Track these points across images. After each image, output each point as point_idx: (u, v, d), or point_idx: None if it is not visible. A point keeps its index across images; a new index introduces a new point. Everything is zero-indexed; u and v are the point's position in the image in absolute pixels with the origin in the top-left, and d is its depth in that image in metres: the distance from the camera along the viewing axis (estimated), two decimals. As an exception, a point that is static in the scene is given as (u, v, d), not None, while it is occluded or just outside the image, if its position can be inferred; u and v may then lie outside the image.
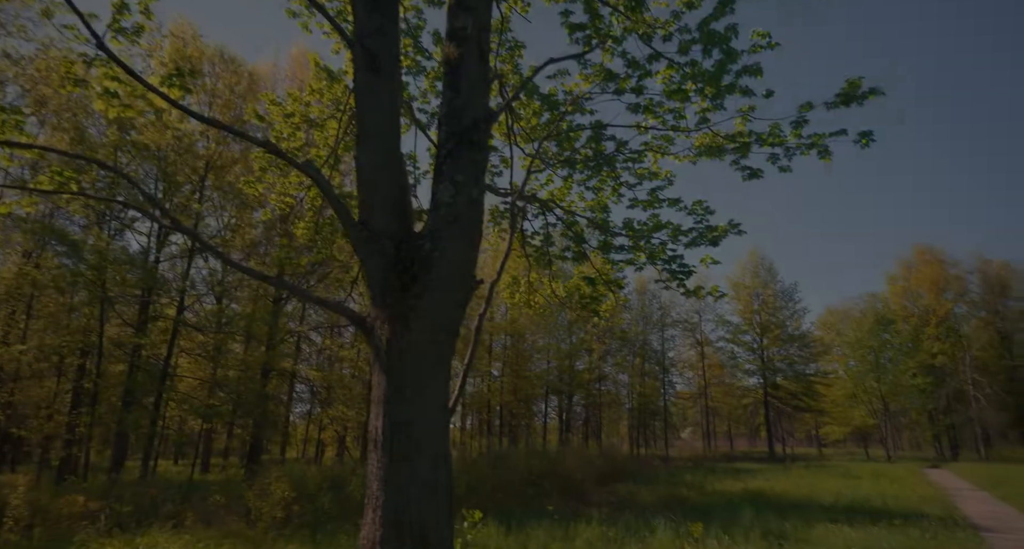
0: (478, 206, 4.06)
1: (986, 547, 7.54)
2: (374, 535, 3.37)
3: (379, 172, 4.04)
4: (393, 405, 3.58)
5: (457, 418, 38.89)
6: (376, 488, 3.48)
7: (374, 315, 3.87)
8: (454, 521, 3.59)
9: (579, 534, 7.33)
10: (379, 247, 3.87)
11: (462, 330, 21.00)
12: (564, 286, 9.34)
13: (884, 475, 20.17)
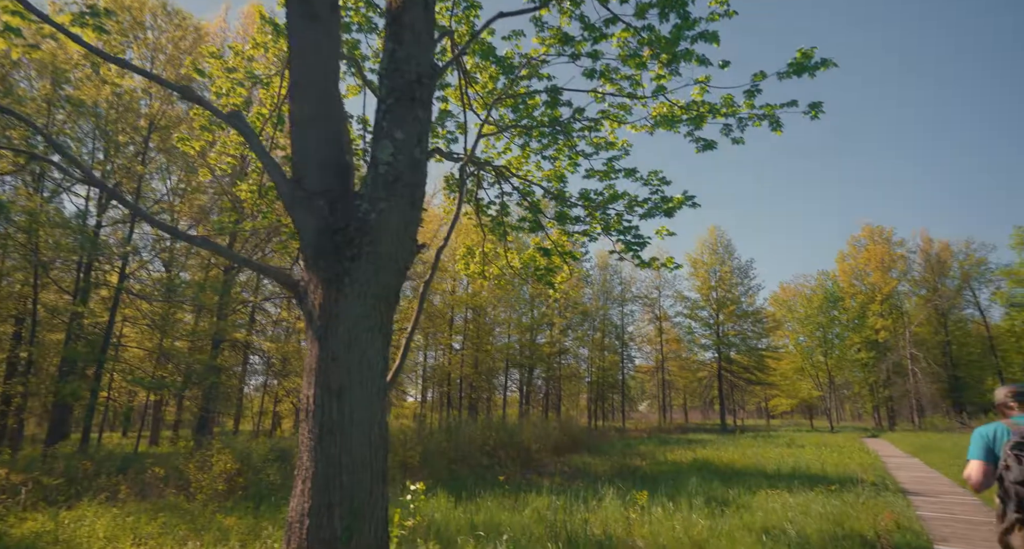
0: (421, 167, 3.87)
1: (912, 510, 7.94)
2: (302, 507, 3.24)
3: (313, 125, 3.79)
4: (324, 373, 3.41)
5: (417, 391, 38.98)
6: (306, 459, 3.34)
7: (306, 279, 3.67)
8: (388, 492, 3.48)
9: (529, 504, 7.38)
10: (312, 206, 3.65)
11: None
12: (520, 257, 9.25)
13: (826, 444, 21.15)
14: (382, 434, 3.55)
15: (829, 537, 5.94)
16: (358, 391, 3.43)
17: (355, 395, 3.41)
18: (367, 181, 3.75)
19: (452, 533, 5.37)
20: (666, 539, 5.73)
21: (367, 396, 3.47)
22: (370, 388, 3.50)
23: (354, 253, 3.53)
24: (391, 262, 3.65)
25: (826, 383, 41.58)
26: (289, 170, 3.91)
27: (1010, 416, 2.90)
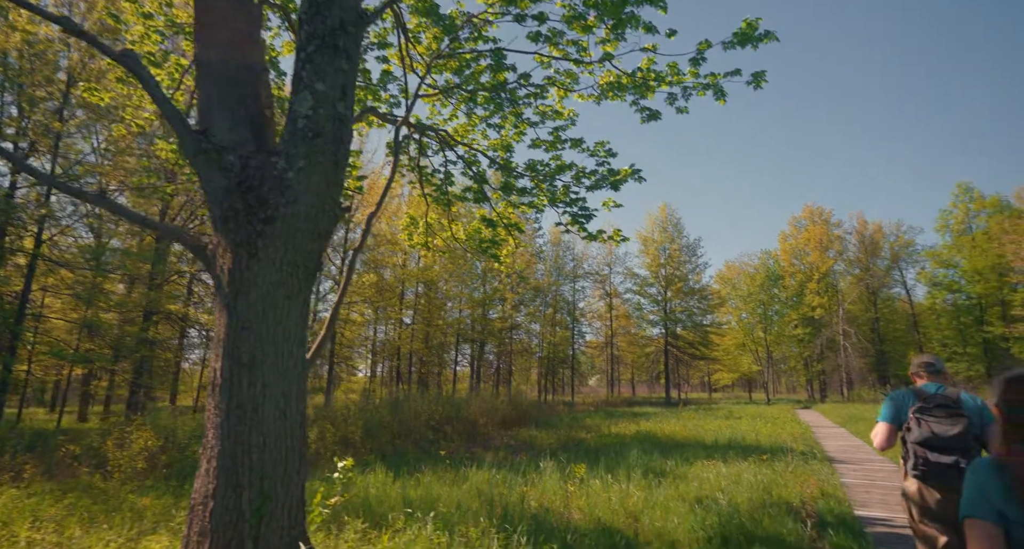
0: (345, 123, 3.56)
1: (837, 477, 8.32)
2: (207, 488, 2.99)
3: (223, 71, 3.42)
4: (234, 344, 3.14)
5: (367, 366, 38.48)
6: (212, 436, 3.07)
7: (215, 242, 3.35)
8: (307, 472, 3.27)
9: (469, 478, 7.31)
10: (221, 162, 3.30)
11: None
12: (465, 229, 9.02)
13: (762, 416, 22.11)
14: (300, 410, 3.32)
15: (758, 505, 6.12)
16: (272, 363, 3.18)
17: (269, 368, 3.16)
18: (284, 136, 3.43)
19: (385, 509, 5.22)
20: (602, 511, 5.76)
21: (283, 369, 3.22)
22: (286, 361, 3.26)
23: (269, 215, 3.24)
24: (310, 225, 3.37)
25: (765, 358, 43.49)
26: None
27: (918, 384, 3.13)
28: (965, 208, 39.12)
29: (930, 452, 2.77)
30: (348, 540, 4.13)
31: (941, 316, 39.49)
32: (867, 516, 6.10)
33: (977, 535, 1.51)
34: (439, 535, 4.16)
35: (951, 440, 2.72)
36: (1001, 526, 1.49)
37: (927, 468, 2.77)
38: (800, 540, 4.99)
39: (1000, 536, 1.48)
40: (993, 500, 1.52)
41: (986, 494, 1.54)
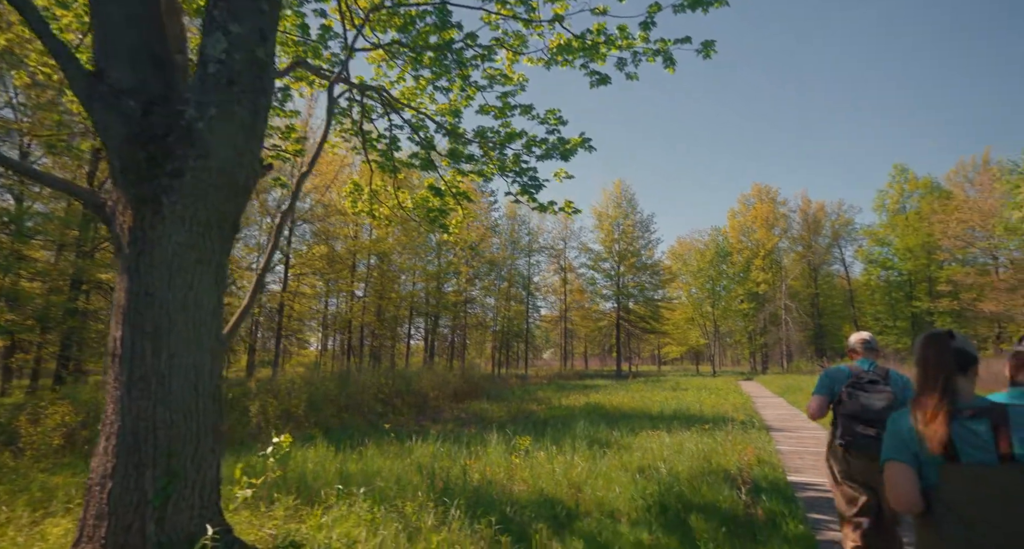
0: (265, 71, 3.23)
1: (773, 445, 8.63)
2: (105, 468, 2.72)
3: (124, 4, 3.04)
4: (136, 311, 2.84)
5: (318, 339, 37.70)
6: (112, 412, 2.79)
7: (115, 197, 3.02)
8: (221, 449, 3.04)
9: (414, 451, 7.19)
10: (119, 107, 2.95)
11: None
12: (412, 197, 8.72)
13: (706, 387, 22.88)
14: (215, 384, 3.07)
15: (698, 473, 6.24)
16: (181, 333, 2.90)
17: (177, 338, 2.89)
18: (194, 83, 3.09)
19: (321, 485, 5.03)
20: (545, 482, 5.75)
21: (193, 339, 2.95)
22: (198, 331, 2.98)
23: (176, 168, 2.92)
24: (225, 182, 3.07)
25: (712, 331, 44.95)
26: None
27: (855, 360, 3.29)
28: (900, 188, 41.01)
29: (857, 424, 2.95)
30: (276, 518, 3.94)
31: (875, 292, 41.67)
32: (799, 481, 6.33)
33: (895, 475, 1.71)
34: (373, 510, 4.02)
35: (877, 413, 2.90)
36: (915, 467, 1.70)
37: (853, 438, 2.96)
38: (735, 506, 5.11)
39: (914, 475, 1.69)
40: (908, 443, 1.72)
41: (903, 439, 1.74)
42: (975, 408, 1.68)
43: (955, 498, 1.62)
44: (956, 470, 1.63)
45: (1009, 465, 1.57)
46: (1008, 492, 1.56)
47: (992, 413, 1.65)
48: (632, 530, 4.21)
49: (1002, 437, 1.60)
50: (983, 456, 1.61)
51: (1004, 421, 1.62)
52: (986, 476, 1.59)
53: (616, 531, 4.20)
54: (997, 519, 1.56)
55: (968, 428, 1.65)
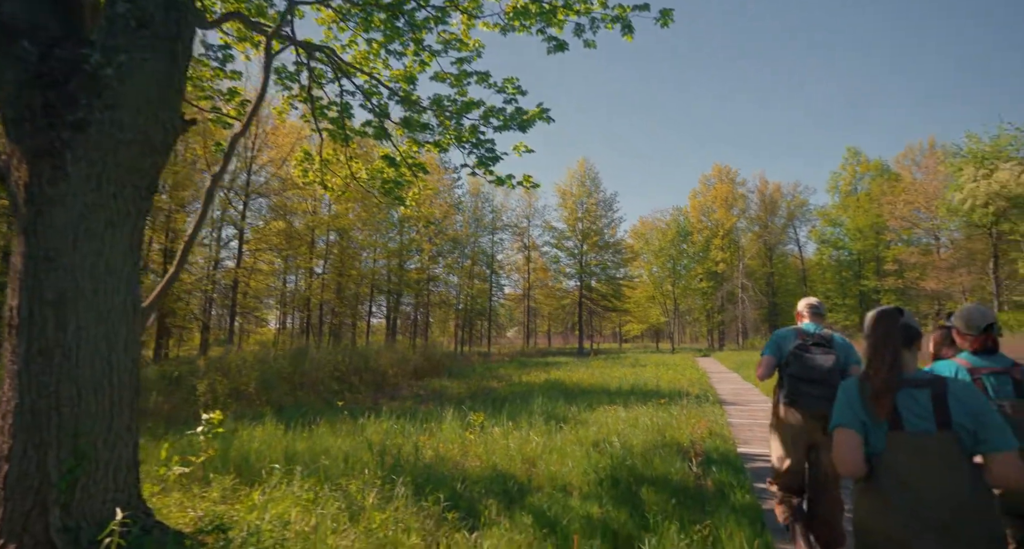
0: (183, 14, 2.92)
1: (725, 417, 8.81)
2: (0, 449, 2.49)
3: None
4: (36, 277, 2.55)
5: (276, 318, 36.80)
6: (9, 387, 2.53)
7: (10, 151, 2.70)
8: (135, 428, 2.81)
9: (366, 428, 7.02)
10: (13, 49, 2.62)
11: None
12: (367, 168, 8.41)
13: (664, 363, 23.35)
14: (131, 357, 2.82)
15: (651, 446, 6.29)
16: (90, 302, 2.64)
17: (85, 306, 2.62)
18: (101, 24, 2.77)
19: (265, 464, 4.83)
20: (500, 458, 5.69)
21: (105, 309, 2.69)
22: (110, 300, 2.72)
23: (79, 119, 2.62)
24: (139, 138, 2.78)
25: (672, 309, 45.89)
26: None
27: (801, 323, 3.42)
28: (852, 170, 42.30)
29: (802, 383, 3.08)
30: (211, 499, 3.74)
31: (826, 271, 43.17)
32: (748, 453, 6.46)
33: (843, 440, 1.80)
34: (316, 488, 3.87)
35: (821, 373, 3.03)
36: (862, 434, 1.79)
37: (797, 396, 3.10)
38: (686, 478, 5.15)
39: (860, 441, 1.79)
40: (857, 411, 1.82)
41: (852, 406, 1.83)
42: (918, 380, 1.80)
43: (897, 463, 1.72)
44: (900, 437, 1.73)
45: (946, 432, 1.70)
46: (945, 457, 1.68)
47: (933, 385, 1.77)
48: (583, 504, 4.18)
49: (941, 407, 1.72)
50: (924, 424, 1.73)
51: (943, 392, 1.74)
52: (926, 443, 1.70)
53: (567, 505, 4.16)
54: (935, 482, 1.66)
55: (912, 398, 1.77)
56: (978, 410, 1.70)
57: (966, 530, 1.61)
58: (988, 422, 1.68)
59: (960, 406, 1.71)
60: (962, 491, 1.64)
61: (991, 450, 1.66)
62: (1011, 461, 1.64)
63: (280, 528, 2.96)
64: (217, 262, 25.37)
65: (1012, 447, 1.65)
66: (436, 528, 3.56)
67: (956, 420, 1.70)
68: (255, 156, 24.86)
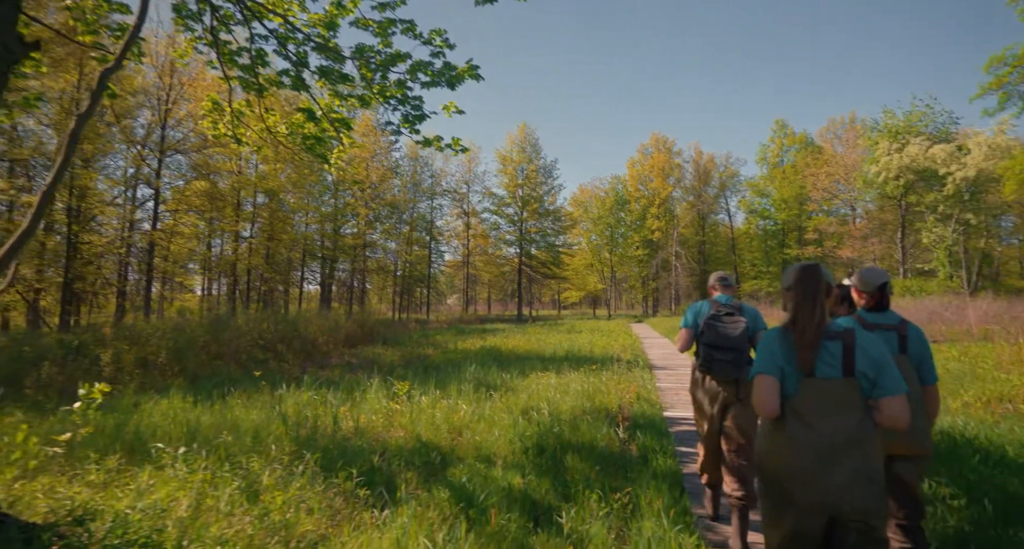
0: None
1: (654, 382, 8.99)
2: None
3: None
4: None
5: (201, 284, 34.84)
6: None
7: None
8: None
9: (286, 399, 6.65)
10: None
11: None
12: (285, 122, 7.77)
13: (599, 330, 23.82)
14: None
15: (580, 412, 6.28)
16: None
17: None
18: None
19: (163, 440, 4.43)
20: (425, 428, 5.51)
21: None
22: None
23: None
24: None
25: (609, 277, 46.87)
26: None
27: (713, 295, 3.58)
28: (780, 143, 43.93)
29: (715, 350, 3.25)
30: (91, 482, 3.35)
31: (753, 239, 45.12)
32: (673, 416, 6.57)
33: (762, 385, 1.95)
34: (214, 467, 3.54)
35: (732, 341, 3.22)
36: (779, 379, 1.95)
37: (711, 363, 3.26)
38: (612, 444, 5.15)
39: (777, 386, 1.94)
40: (776, 358, 1.96)
41: (773, 354, 1.97)
42: (831, 332, 1.96)
43: (804, 405, 1.90)
44: (811, 382, 1.91)
45: (850, 379, 1.89)
46: (844, 399, 1.88)
47: (844, 336, 1.95)
48: (505, 474, 4.06)
49: (848, 356, 1.91)
50: (832, 371, 1.91)
51: (852, 343, 1.93)
52: (831, 387, 1.89)
53: (488, 476, 4.03)
54: (831, 420, 1.86)
55: (825, 348, 1.94)
56: (879, 360, 1.90)
57: (850, 461, 1.82)
58: (885, 370, 1.89)
59: (864, 356, 1.91)
60: (852, 428, 1.84)
61: (884, 394, 1.87)
62: (900, 403, 1.85)
63: (154, 517, 2.64)
64: (132, 223, 23.52)
65: (902, 391, 1.87)
66: (346, 506, 3.34)
67: (859, 368, 1.89)
68: (170, 109, 22.91)
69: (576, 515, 3.26)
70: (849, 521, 1.80)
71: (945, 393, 7.58)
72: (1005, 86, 18.78)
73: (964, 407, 6.76)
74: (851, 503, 1.79)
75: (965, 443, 4.56)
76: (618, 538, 3.11)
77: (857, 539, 1.80)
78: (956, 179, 26.61)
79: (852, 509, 1.79)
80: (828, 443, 1.83)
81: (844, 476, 1.80)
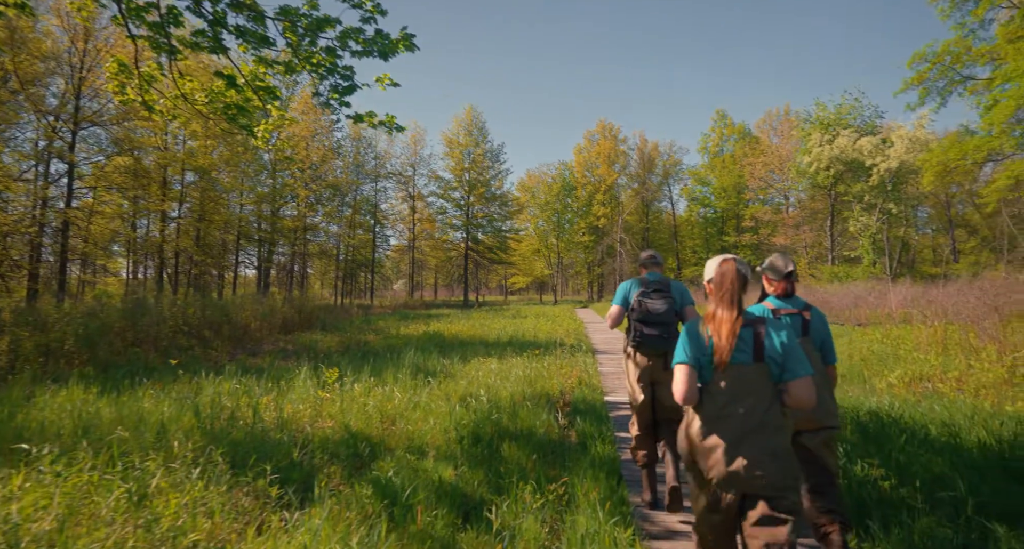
0: None
1: (596, 366, 8.95)
2: None
3: None
4: None
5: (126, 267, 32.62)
6: None
7: None
8: None
9: (205, 389, 6.16)
10: None
11: None
12: (205, 89, 7.14)
13: (545, 315, 23.86)
14: None
15: (520, 398, 6.11)
16: None
17: None
18: None
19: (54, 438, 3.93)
20: (356, 417, 5.19)
21: None
22: None
23: None
24: None
25: (556, 262, 47.13)
26: None
27: (643, 273, 3.67)
28: (720, 133, 45.13)
29: (644, 326, 3.35)
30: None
31: (694, 227, 46.36)
32: (614, 401, 6.51)
33: (681, 374, 2.04)
34: (104, 468, 3.13)
35: (659, 316, 3.33)
36: (697, 369, 2.05)
37: (641, 338, 3.36)
38: (551, 431, 5.00)
39: (695, 375, 2.04)
40: (695, 349, 2.06)
41: (693, 345, 2.07)
42: (745, 320, 2.06)
43: (719, 390, 2.01)
44: (725, 369, 2.01)
45: (760, 364, 2.00)
46: (755, 384, 1.98)
47: (755, 324, 2.05)
48: (437, 466, 3.83)
49: (758, 343, 2.01)
50: (744, 358, 2.01)
51: (762, 330, 2.03)
52: (743, 372, 2.00)
53: (419, 468, 3.79)
54: (743, 402, 1.97)
55: (739, 336, 2.03)
56: (786, 345, 2.01)
57: (760, 441, 1.94)
58: (792, 355, 2.00)
59: (772, 342, 2.01)
60: (762, 410, 1.96)
61: (791, 377, 1.98)
62: (806, 385, 1.96)
63: (12, 531, 2.25)
64: (45, 201, 21.63)
65: (808, 373, 1.98)
66: (256, 507, 3.02)
67: (768, 354, 2.00)
68: (85, 77, 21.07)
69: (509, 509, 3.06)
70: (761, 495, 1.93)
71: (871, 374, 7.88)
72: (926, 82, 19.79)
73: (889, 387, 7.03)
74: (762, 479, 1.91)
75: (892, 423, 4.67)
76: (552, 532, 2.94)
77: (770, 510, 1.92)
78: (881, 170, 28.07)
79: (763, 484, 1.92)
80: (740, 425, 1.95)
81: (755, 455, 1.92)
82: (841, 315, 17.66)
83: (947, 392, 6.46)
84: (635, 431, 3.49)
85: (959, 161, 18.86)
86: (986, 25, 18.08)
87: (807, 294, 20.67)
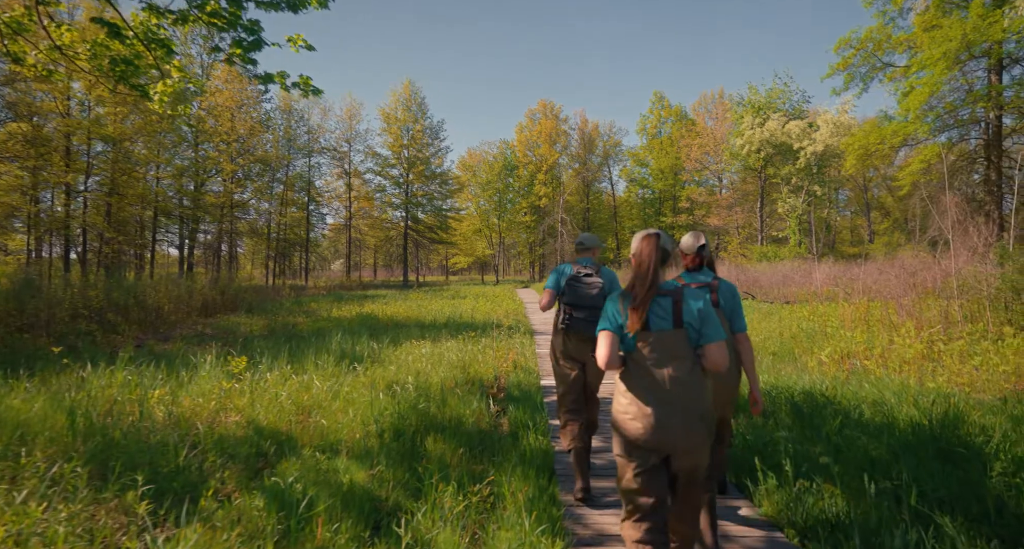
0: None
1: (534, 347, 8.70)
2: None
3: None
4: None
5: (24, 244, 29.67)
6: None
7: None
8: None
9: (93, 381, 5.42)
10: None
11: None
12: (88, 41, 6.24)
13: (485, 295, 23.52)
14: None
15: (451, 384, 5.75)
16: None
17: None
18: None
19: None
20: (266, 410, 4.67)
21: None
22: None
23: None
24: None
25: (497, 242, 46.76)
26: None
27: (577, 259, 3.71)
28: (658, 114, 45.70)
29: (574, 310, 3.41)
30: None
31: (633, 208, 47.04)
32: (550, 385, 6.25)
33: (604, 340, 2.15)
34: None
35: (589, 300, 3.38)
36: (619, 335, 2.17)
37: (570, 321, 3.42)
38: (482, 419, 4.67)
39: (617, 341, 2.16)
40: (617, 318, 2.18)
41: (615, 315, 2.19)
42: (665, 290, 2.18)
43: (642, 355, 2.13)
44: (646, 336, 2.13)
45: (679, 330, 2.12)
46: (675, 348, 2.10)
47: (674, 294, 2.17)
48: (349, 466, 3.41)
49: (677, 311, 2.13)
50: (664, 324, 2.14)
51: (680, 299, 2.16)
52: (664, 338, 2.12)
53: (329, 469, 3.36)
54: (665, 366, 2.09)
55: (659, 305, 2.16)
56: (703, 311, 2.14)
57: (683, 403, 2.05)
58: (708, 321, 2.13)
59: (689, 308, 2.14)
60: (684, 373, 2.08)
61: (707, 341, 2.11)
62: (719, 348, 2.09)
63: None
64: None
65: (721, 338, 2.11)
66: (116, 529, 2.52)
67: (686, 320, 2.12)
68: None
69: (425, 517, 2.70)
70: (684, 455, 2.06)
71: (802, 351, 8.00)
72: (850, 68, 20.50)
73: (819, 365, 7.13)
74: (686, 440, 2.04)
75: (826, 403, 4.62)
76: (473, 542, 2.60)
77: (693, 468, 2.08)
78: (807, 153, 29.18)
79: (685, 446, 2.04)
80: (665, 388, 2.06)
81: (679, 417, 2.04)
82: (771, 293, 18.28)
83: (873, 369, 6.59)
84: (563, 413, 3.48)
85: (878, 145, 19.73)
86: (904, 14, 18.82)
87: (739, 273, 21.29)
